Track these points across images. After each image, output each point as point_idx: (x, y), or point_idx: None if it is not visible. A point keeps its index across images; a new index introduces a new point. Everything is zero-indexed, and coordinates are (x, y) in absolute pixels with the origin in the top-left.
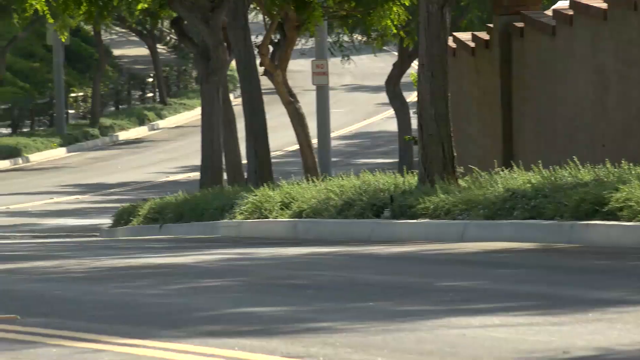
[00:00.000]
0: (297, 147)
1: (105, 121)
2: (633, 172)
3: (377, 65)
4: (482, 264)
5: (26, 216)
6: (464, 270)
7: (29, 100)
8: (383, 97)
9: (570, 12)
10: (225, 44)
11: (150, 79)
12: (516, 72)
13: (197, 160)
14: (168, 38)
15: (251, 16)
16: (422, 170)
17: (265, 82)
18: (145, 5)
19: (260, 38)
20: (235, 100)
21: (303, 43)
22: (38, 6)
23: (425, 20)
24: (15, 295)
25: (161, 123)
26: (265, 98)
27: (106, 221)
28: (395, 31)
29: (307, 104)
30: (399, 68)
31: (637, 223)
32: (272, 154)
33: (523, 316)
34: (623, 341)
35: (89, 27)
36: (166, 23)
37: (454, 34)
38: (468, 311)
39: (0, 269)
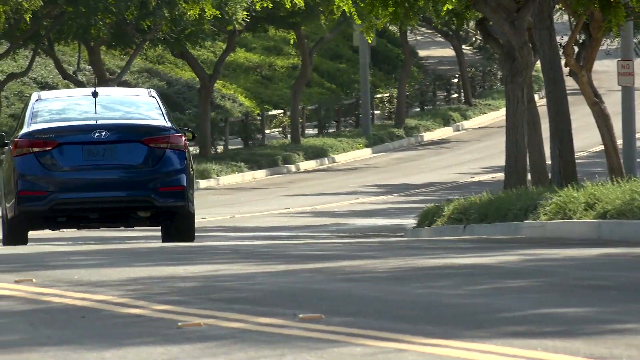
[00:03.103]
0: (601, 147)
1: (411, 122)
2: None
3: None
4: None
5: (332, 216)
6: None
7: (336, 101)
8: None
9: None
10: (530, 44)
11: (456, 80)
12: None
13: (502, 161)
14: (473, 39)
15: (556, 16)
16: None
17: (569, 83)
18: (451, 6)
19: (565, 38)
20: (540, 101)
21: (608, 43)
22: (345, 8)
23: None
24: (322, 294)
25: (466, 123)
26: (570, 99)
27: (411, 221)
28: None
29: (613, 104)
30: None
31: None
32: (577, 154)
33: None
34: None
35: (395, 28)
36: (471, 24)
37: None
38: None
39: (308, 268)
